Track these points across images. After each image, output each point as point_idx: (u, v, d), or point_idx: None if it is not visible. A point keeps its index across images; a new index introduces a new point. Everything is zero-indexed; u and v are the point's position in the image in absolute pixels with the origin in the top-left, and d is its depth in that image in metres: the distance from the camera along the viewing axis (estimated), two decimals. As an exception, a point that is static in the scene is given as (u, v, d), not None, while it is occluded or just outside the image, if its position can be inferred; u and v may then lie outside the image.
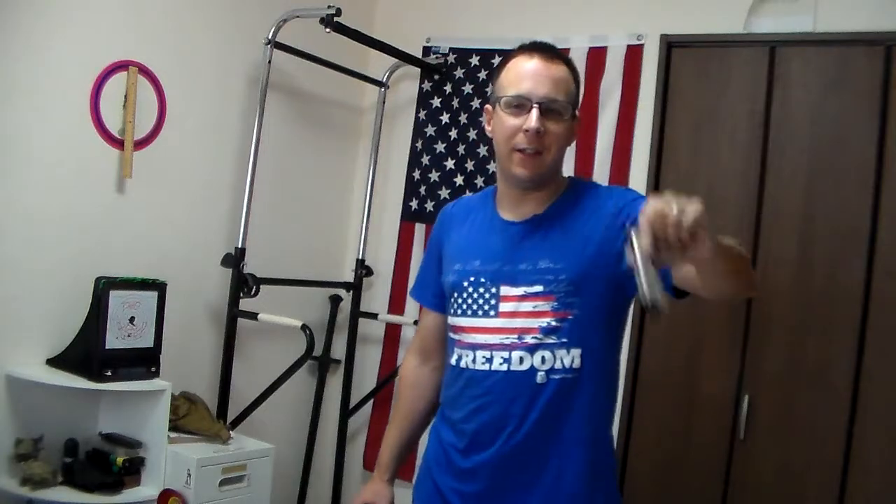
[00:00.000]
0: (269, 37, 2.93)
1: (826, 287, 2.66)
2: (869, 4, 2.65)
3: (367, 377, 3.49)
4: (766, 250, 2.75)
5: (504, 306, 1.63)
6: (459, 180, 3.35)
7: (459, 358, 1.70)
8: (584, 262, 1.59)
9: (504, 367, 1.62)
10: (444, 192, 3.38)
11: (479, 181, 3.30)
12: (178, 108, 2.85)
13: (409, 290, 3.44)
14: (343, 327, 3.47)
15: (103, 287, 2.49)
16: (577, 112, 1.67)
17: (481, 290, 1.66)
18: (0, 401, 2.41)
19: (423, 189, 3.43)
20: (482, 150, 3.30)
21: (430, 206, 3.41)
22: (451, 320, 1.74)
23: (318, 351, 3.26)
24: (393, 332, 3.49)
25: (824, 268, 2.67)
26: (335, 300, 3.51)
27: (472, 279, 1.68)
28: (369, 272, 3.45)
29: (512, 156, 1.63)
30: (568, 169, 3.05)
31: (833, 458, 2.60)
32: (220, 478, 2.56)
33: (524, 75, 1.62)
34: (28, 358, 2.49)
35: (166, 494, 2.49)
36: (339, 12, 2.84)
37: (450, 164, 3.38)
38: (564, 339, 1.59)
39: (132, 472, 2.50)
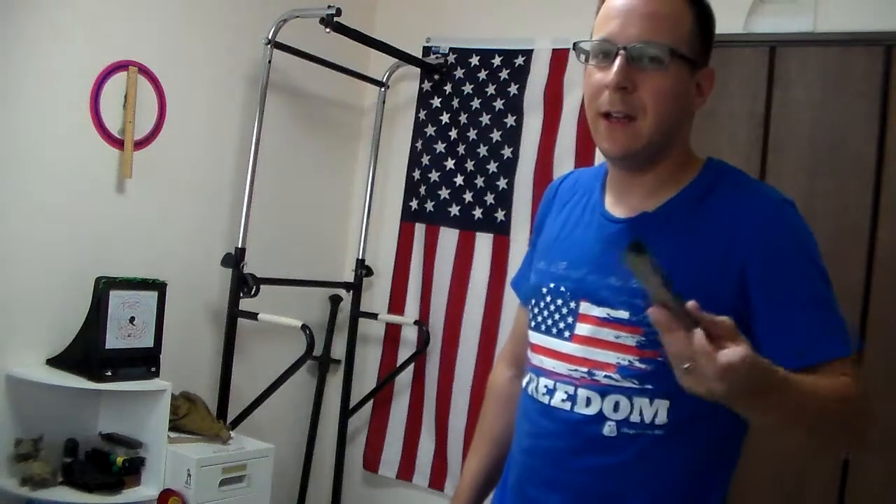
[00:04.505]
0: (269, 37, 2.92)
1: (826, 287, 2.65)
2: (869, 4, 2.65)
3: (367, 377, 3.49)
4: (766, 250, 2.74)
5: (580, 328, 1.26)
6: (459, 180, 3.35)
7: (529, 381, 1.36)
8: (688, 292, 1.13)
9: (566, 406, 1.26)
10: (444, 192, 3.38)
11: (479, 181, 3.30)
12: (178, 108, 2.85)
13: (408, 290, 3.48)
14: (343, 327, 3.47)
15: (103, 287, 2.48)
16: (698, 58, 1.24)
17: (559, 301, 1.30)
18: (0, 401, 2.41)
19: (423, 189, 3.43)
20: (482, 150, 3.30)
21: (430, 206, 3.41)
22: (528, 332, 1.39)
23: (318, 351, 3.25)
24: (393, 333, 3.48)
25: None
26: (335, 300, 3.51)
27: (551, 286, 1.32)
28: (369, 272, 3.45)
29: (598, 123, 1.24)
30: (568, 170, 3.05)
31: (833, 459, 2.60)
32: (220, 478, 2.56)
33: (612, 13, 1.23)
34: (28, 358, 2.49)
35: (166, 494, 2.49)
36: (339, 12, 2.84)
37: (450, 164, 3.38)
38: (649, 386, 1.20)
39: (132, 472, 2.50)
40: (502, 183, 3.25)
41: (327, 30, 2.88)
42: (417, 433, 3.37)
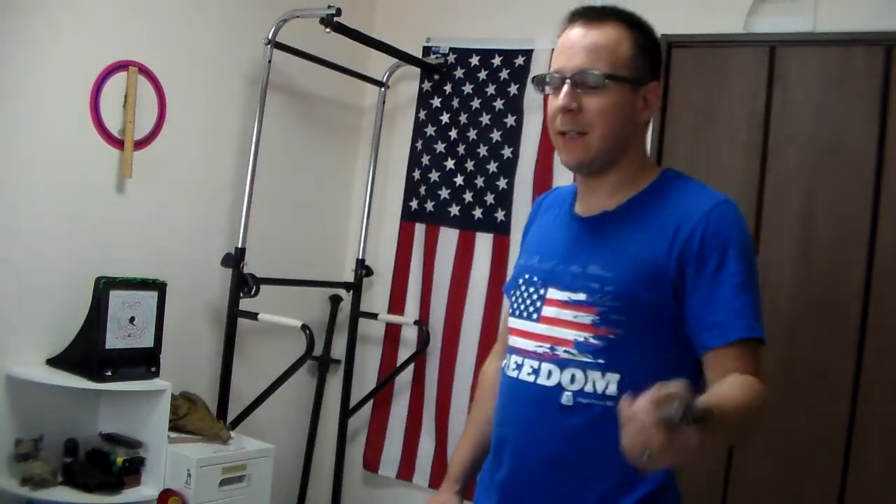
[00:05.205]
0: (269, 37, 2.92)
1: (826, 287, 2.66)
2: (869, 4, 2.65)
3: (367, 377, 3.49)
4: (766, 250, 2.74)
5: (547, 310, 1.47)
6: (459, 180, 3.35)
7: (505, 361, 1.57)
8: (634, 278, 1.40)
9: (531, 379, 1.46)
10: (444, 192, 3.38)
11: (479, 181, 3.30)
12: (178, 108, 2.85)
13: (408, 290, 3.48)
14: (343, 327, 3.47)
15: (103, 287, 2.49)
16: (641, 76, 1.46)
17: (531, 289, 1.51)
18: (0, 401, 2.41)
19: (423, 189, 3.43)
20: (482, 150, 3.30)
21: (430, 206, 3.41)
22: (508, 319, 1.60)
23: (318, 351, 3.26)
24: (393, 333, 3.49)
25: (824, 268, 2.67)
26: (335, 300, 3.51)
27: (526, 276, 1.54)
28: (369, 272, 3.45)
29: (557, 140, 1.48)
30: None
31: (833, 458, 2.60)
32: (220, 478, 2.56)
33: (560, 49, 1.48)
34: (28, 358, 2.49)
35: (166, 494, 2.49)
36: (339, 12, 2.84)
37: (450, 164, 3.38)
38: (601, 361, 1.39)
39: (132, 472, 2.50)
40: (502, 183, 3.25)
41: (327, 30, 2.88)
42: (417, 433, 3.38)
